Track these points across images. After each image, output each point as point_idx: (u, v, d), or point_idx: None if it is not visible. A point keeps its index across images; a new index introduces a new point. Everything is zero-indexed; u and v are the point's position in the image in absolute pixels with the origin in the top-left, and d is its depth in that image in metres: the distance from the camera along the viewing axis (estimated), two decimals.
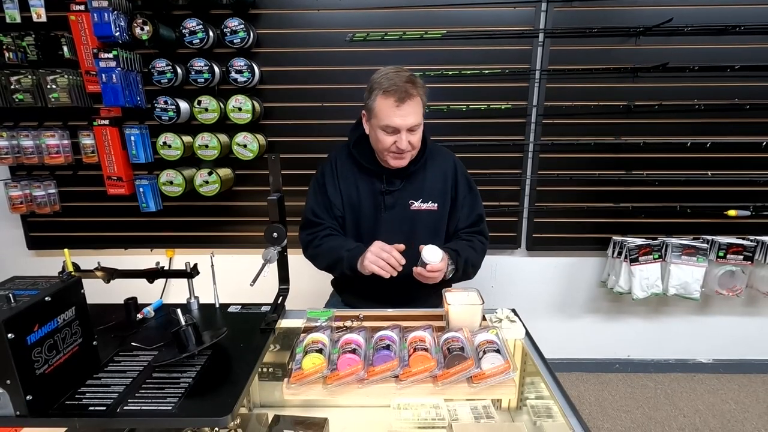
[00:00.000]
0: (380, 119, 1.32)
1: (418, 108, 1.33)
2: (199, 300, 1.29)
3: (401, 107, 1.29)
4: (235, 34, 1.92)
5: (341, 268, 1.41)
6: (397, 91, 1.28)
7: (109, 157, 2.01)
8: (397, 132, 1.32)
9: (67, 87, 1.94)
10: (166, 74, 1.92)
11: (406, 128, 1.31)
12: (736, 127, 2.10)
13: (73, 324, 0.93)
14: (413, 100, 1.30)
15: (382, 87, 1.30)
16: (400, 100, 1.28)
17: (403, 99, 1.28)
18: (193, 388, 0.91)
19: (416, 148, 1.40)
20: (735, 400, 2.30)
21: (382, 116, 1.31)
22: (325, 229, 1.49)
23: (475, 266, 1.51)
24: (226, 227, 2.29)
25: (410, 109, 1.30)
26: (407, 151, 1.36)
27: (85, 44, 1.92)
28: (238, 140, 2.03)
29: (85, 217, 2.26)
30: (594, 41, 2.02)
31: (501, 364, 0.93)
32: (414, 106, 1.31)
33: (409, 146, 1.35)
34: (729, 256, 2.14)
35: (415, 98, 1.31)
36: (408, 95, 1.28)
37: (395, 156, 1.38)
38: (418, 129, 1.36)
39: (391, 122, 1.30)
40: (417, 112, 1.32)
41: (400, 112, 1.29)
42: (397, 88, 1.28)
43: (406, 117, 1.30)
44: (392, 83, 1.29)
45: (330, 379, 0.93)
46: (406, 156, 1.39)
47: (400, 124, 1.30)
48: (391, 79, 1.30)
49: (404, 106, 1.29)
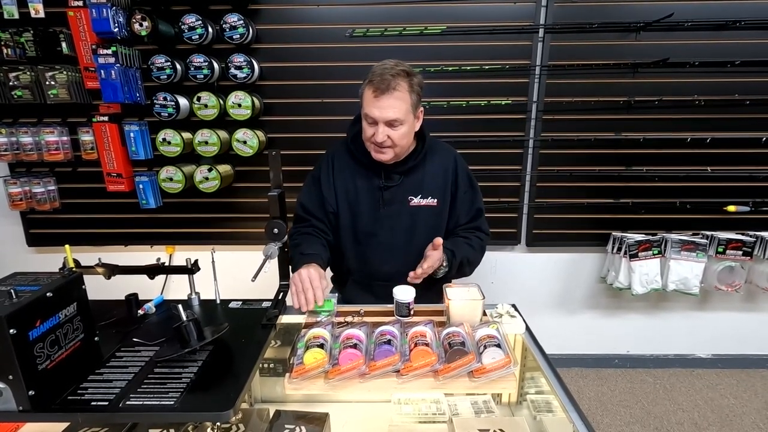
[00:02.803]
0: (363, 107, 1.33)
1: (401, 104, 1.28)
2: (200, 296, 1.29)
3: (380, 99, 1.27)
4: (234, 29, 1.91)
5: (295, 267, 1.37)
6: (380, 83, 1.26)
7: (108, 153, 2.01)
8: (376, 123, 1.30)
9: (66, 83, 1.94)
10: (165, 70, 1.91)
11: (383, 121, 1.29)
12: (735, 122, 2.10)
13: (74, 320, 0.93)
14: (394, 95, 1.26)
15: (371, 76, 1.29)
16: (380, 91, 1.26)
17: (384, 91, 1.26)
18: (194, 383, 0.91)
19: (399, 145, 1.35)
20: (733, 395, 2.31)
21: (365, 105, 1.32)
22: (309, 227, 1.48)
23: (472, 264, 1.50)
24: (226, 224, 2.29)
25: (390, 103, 1.26)
26: (386, 145, 1.34)
27: (84, 40, 1.91)
28: (238, 136, 2.02)
29: (85, 213, 2.26)
30: (594, 37, 2.02)
31: (502, 359, 0.93)
32: (395, 101, 1.27)
33: (387, 140, 1.31)
34: (728, 251, 2.14)
35: (399, 93, 1.27)
36: (389, 88, 1.25)
37: (375, 149, 1.36)
38: (400, 126, 1.31)
39: (369, 112, 1.30)
40: (398, 107, 1.28)
41: (378, 103, 1.27)
42: (380, 79, 1.26)
43: (384, 109, 1.27)
44: (380, 74, 1.27)
45: (331, 373, 0.93)
46: (387, 151, 1.36)
47: (377, 116, 1.28)
48: (383, 71, 1.28)
49: (383, 98, 1.26)
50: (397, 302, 1.20)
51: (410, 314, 1.21)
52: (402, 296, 1.19)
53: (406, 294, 1.20)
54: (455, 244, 1.45)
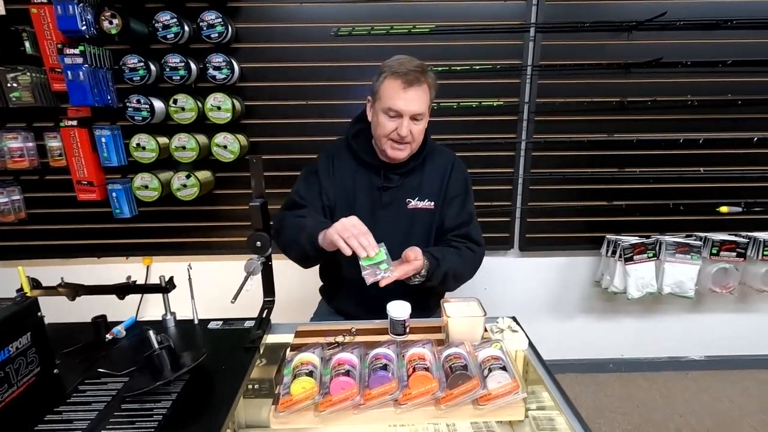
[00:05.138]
0: (384, 101, 1.27)
1: (425, 96, 1.28)
2: (176, 316, 1.19)
3: (407, 91, 1.24)
4: (212, 28, 1.80)
5: (300, 242, 1.25)
6: (406, 74, 1.24)
7: (78, 160, 1.88)
8: (400, 117, 1.27)
9: (30, 85, 1.80)
10: (138, 71, 1.79)
11: (409, 114, 1.26)
12: (728, 123, 2.07)
13: (28, 352, 0.82)
14: (421, 87, 1.26)
15: (392, 69, 1.26)
16: (407, 83, 1.24)
17: (411, 83, 1.24)
18: (168, 420, 0.81)
19: (417, 141, 1.33)
20: (729, 398, 2.29)
21: (386, 98, 1.26)
22: (306, 212, 1.37)
23: (459, 278, 1.39)
24: (206, 233, 2.17)
25: (416, 95, 1.25)
26: (407, 141, 1.30)
27: (49, 39, 1.78)
28: (218, 141, 1.91)
29: (54, 224, 2.11)
30: (586, 36, 1.97)
31: (509, 383, 0.85)
32: (420, 94, 1.26)
33: (409, 135, 1.29)
34: (722, 253, 2.12)
35: (423, 86, 1.27)
36: (416, 80, 1.24)
37: (394, 145, 1.31)
38: (422, 120, 1.31)
39: (394, 105, 1.25)
40: (423, 100, 1.27)
41: (405, 96, 1.24)
42: (406, 71, 1.24)
43: (410, 102, 1.25)
44: (403, 66, 1.25)
45: (322, 405, 0.84)
46: (405, 148, 1.32)
47: (404, 109, 1.25)
48: (403, 63, 1.27)
49: (411, 90, 1.24)
50: (391, 320, 1.12)
51: (406, 332, 1.12)
52: (397, 313, 1.11)
53: (402, 311, 1.11)
54: (443, 253, 1.33)
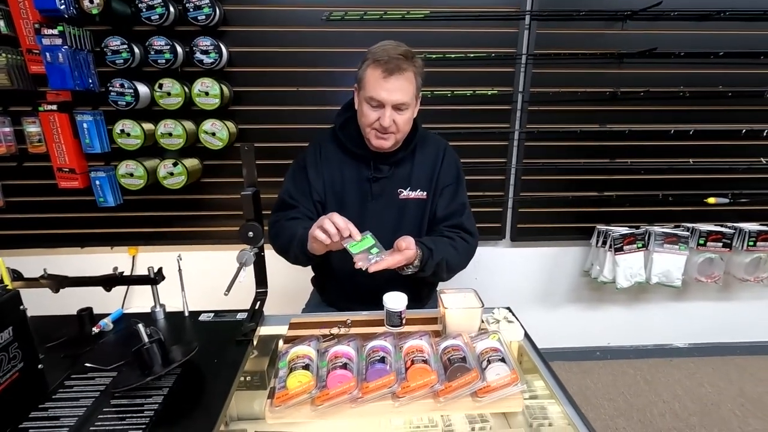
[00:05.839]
0: (366, 90, 1.23)
1: (408, 85, 1.23)
2: (165, 308, 1.15)
3: (389, 80, 1.19)
4: (199, 9, 1.73)
5: (293, 249, 1.26)
6: (388, 62, 1.18)
7: (58, 146, 1.80)
8: (382, 107, 1.23)
9: (6, 67, 1.71)
10: (121, 54, 1.72)
11: (391, 104, 1.22)
12: (718, 114, 2.09)
13: (10, 347, 0.78)
14: (403, 76, 1.20)
15: (375, 56, 1.21)
16: (388, 71, 1.19)
17: (392, 71, 1.19)
18: (159, 417, 0.79)
19: (402, 131, 1.29)
20: (710, 383, 2.35)
21: (369, 87, 1.22)
22: (299, 213, 1.36)
23: (452, 268, 1.37)
24: (194, 222, 2.12)
25: (398, 84, 1.20)
26: (391, 131, 1.26)
27: (25, 18, 1.69)
28: (206, 128, 1.86)
29: (34, 213, 2.04)
30: (581, 25, 1.96)
31: (507, 375, 0.85)
32: (403, 82, 1.21)
33: (393, 125, 1.24)
34: (709, 243, 2.15)
35: (406, 74, 1.21)
36: (398, 69, 1.19)
37: (377, 134, 1.28)
38: (406, 109, 1.25)
39: (376, 94, 1.21)
40: (406, 90, 1.22)
41: (386, 85, 1.20)
42: (388, 59, 1.19)
43: (392, 92, 1.20)
44: (385, 54, 1.20)
45: (319, 399, 0.82)
46: (390, 138, 1.28)
47: (385, 98, 1.21)
48: (386, 50, 1.21)
49: (392, 79, 1.19)
50: (387, 311, 1.11)
51: (402, 324, 1.11)
52: (393, 305, 1.10)
53: (398, 302, 1.10)
54: (436, 243, 1.31)
